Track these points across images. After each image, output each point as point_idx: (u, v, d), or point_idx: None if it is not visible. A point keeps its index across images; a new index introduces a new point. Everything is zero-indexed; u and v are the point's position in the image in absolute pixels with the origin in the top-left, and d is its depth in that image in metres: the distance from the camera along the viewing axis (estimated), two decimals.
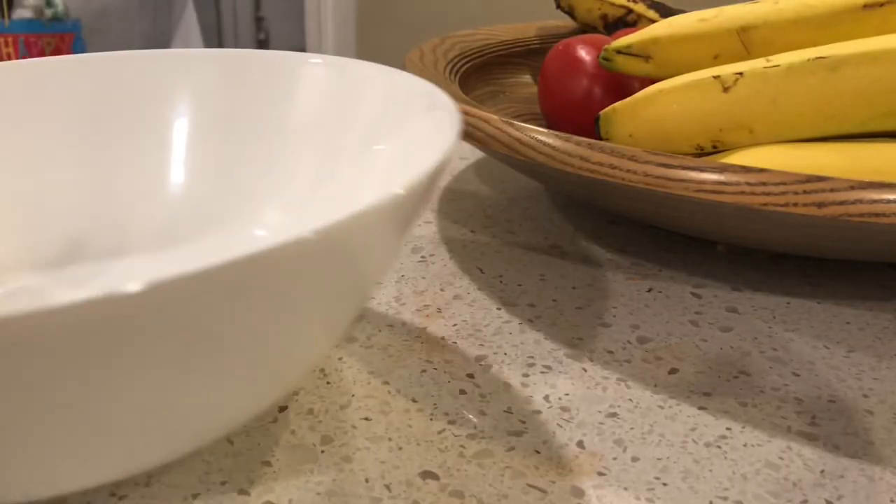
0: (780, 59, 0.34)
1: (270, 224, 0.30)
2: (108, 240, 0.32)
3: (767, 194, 0.29)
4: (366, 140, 0.29)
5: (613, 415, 0.27)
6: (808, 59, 0.34)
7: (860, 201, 0.28)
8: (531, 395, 0.28)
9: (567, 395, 0.28)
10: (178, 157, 0.32)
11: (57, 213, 0.32)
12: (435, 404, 0.27)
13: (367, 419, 0.27)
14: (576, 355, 0.31)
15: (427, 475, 0.24)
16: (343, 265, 0.18)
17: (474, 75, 0.48)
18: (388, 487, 0.24)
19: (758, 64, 0.35)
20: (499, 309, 0.34)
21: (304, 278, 0.17)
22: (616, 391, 0.29)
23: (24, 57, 1.59)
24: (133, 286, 0.14)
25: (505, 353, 0.30)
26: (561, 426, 0.27)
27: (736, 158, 0.34)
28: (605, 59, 0.41)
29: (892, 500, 0.24)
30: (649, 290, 0.35)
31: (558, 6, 0.54)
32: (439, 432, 0.26)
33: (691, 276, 0.37)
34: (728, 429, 0.27)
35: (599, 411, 0.28)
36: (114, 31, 1.95)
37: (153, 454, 0.19)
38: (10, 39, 1.59)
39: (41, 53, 1.61)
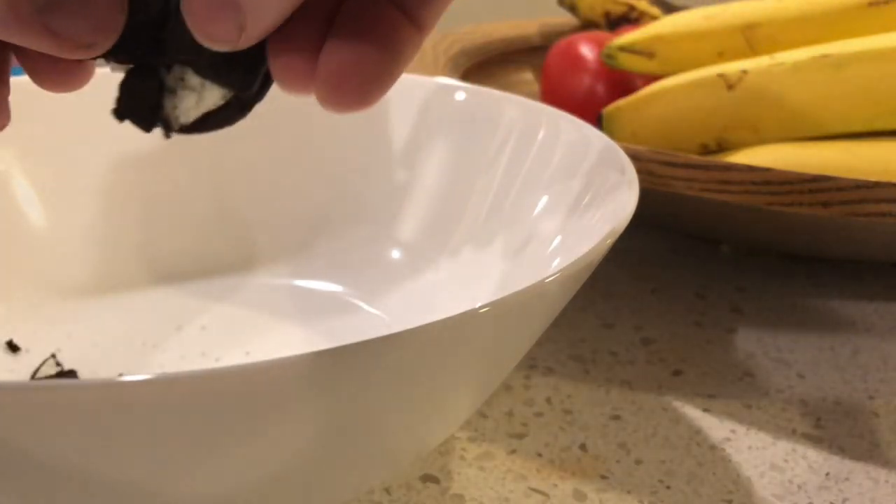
0: (786, 56, 0.34)
1: (405, 241, 0.31)
2: (227, 252, 0.32)
3: (772, 193, 0.28)
4: (525, 183, 0.28)
5: (617, 417, 0.27)
6: (814, 57, 0.33)
7: (866, 201, 0.28)
8: (533, 397, 0.28)
9: (569, 397, 0.28)
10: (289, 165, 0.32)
11: (176, 227, 0.32)
12: None
13: None
14: (578, 357, 0.30)
15: (427, 479, 0.24)
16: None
17: (475, 73, 0.48)
18: (387, 491, 0.23)
19: (762, 62, 0.34)
20: None
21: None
22: (619, 393, 0.28)
23: None
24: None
25: None
26: (563, 429, 0.26)
27: (741, 157, 0.34)
28: (608, 56, 0.40)
29: None
30: (653, 291, 0.35)
31: (560, 3, 0.54)
32: None
33: (695, 276, 0.36)
34: (732, 431, 0.27)
35: (602, 413, 0.27)
36: None
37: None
38: None
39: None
